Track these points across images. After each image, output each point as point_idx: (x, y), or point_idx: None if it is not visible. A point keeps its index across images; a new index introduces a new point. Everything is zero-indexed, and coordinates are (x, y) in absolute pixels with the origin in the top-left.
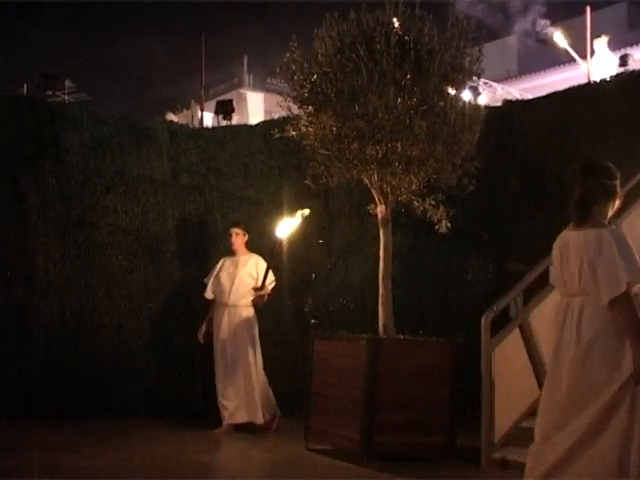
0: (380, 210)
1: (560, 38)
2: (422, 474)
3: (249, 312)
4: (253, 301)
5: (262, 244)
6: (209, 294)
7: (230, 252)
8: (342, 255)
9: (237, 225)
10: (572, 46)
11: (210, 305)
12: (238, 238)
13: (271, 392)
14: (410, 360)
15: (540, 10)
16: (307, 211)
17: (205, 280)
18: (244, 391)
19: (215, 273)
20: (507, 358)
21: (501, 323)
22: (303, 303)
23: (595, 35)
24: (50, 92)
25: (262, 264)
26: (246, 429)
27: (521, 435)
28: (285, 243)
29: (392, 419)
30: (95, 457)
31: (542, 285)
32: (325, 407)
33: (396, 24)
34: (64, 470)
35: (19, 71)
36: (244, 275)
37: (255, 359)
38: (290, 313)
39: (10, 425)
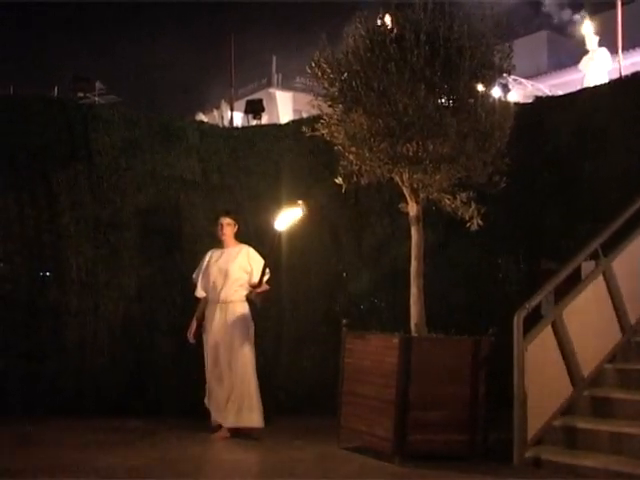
0: (411, 208)
1: (589, 27)
2: (455, 473)
3: (243, 308)
4: (250, 297)
5: (293, 244)
6: (200, 292)
7: (217, 243)
8: (373, 253)
9: (227, 214)
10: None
11: (200, 302)
12: (229, 228)
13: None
14: (442, 358)
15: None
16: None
17: (194, 276)
18: (240, 394)
19: (204, 268)
20: (540, 356)
21: (533, 321)
22: (334, 302)
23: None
24: (81, 94)
25: (254, 255)
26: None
27: (554, 433)
28: (283, 236)
29: (425, 417)
30: (128, 455)
31: (574, 282)
32: (357, 406)
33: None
34: (98, 468)
35: (42, 72)
36: (236, 269)
37: (251, 360)
38: (321, 312)
39: (44, 423)
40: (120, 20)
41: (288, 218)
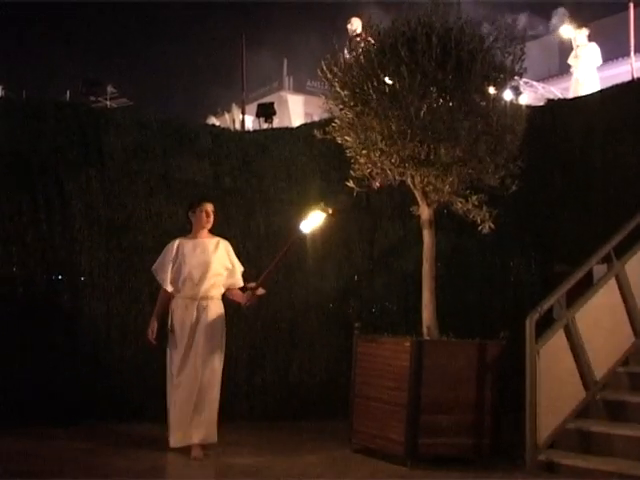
0: (423, 211)
1: (568, 30)
2: (467, 476)
3: (221, 308)
4: (246, 301)
5: (304, 247)
6: (169, 286)
7: (185, 232)
8: (385, 257)
9: (211, 201)
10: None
11: (164, 298)
12: (211, 217)
13: None
14: (454, 362)
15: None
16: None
17: (154, 268)
18: (209, 405)
19: (172, 259)
20: (552, 359)
21: (545, 324)
22: (346, 305)
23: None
24: (93, 98)
25: (232, 252)
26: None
27: (567, 437)
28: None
29: (436, 421)
30: (139, 459)
31: (586, 286)
32: (369, 409)
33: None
34: (108, 472)
35: (54, 76)
36: (217, 263)
37: (220, 367)
38: (333, 315)
39: (57, 428)
40: (130, 24)
41: (314, 222)
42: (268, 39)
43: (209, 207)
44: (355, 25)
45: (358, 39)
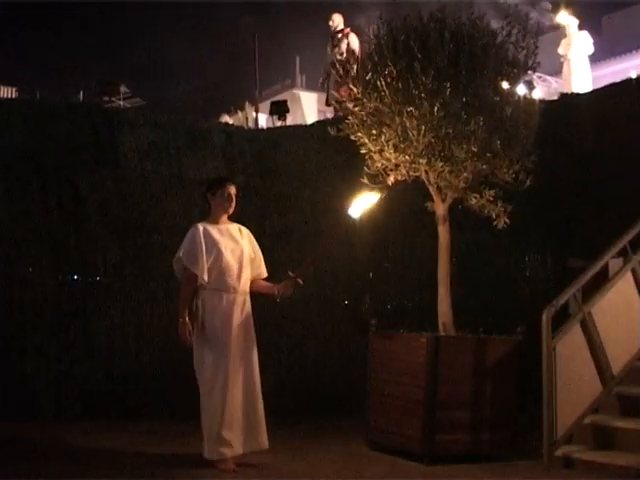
0: (437, 207)
1: (565, 17)
2: (484, 473)
3: (249, 301)
4: (283, 291)
5: (320, 245)
6: (205, 276)
7: (204, 216)
8: (400, 253)
9: (235, 183)
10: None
11: (189, 290)
12: (234, 201)
13: None
14: (470, 357)
15: None
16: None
17: (182, 256)
18: (249, 411)
19: (204, 247)
20: (568, 354)
21: (560, 319)
22: (361, 302)
23: None
24: (107, 98)
25: (253, 238)
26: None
27: (584, 432)
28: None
29: (453, 417)
30: (157, 458)
31: (602, 280)
32: (385, 406)
33: None
34: (127, 471)
35: (67, 76)
36: (248, 253)
37: (258, 367)
38: (348, 312)
39: (74, 426)
40: (141, 21)
41: (363, 204)
42: (281, 36)
43: (232, 189)
44: (337, 22)
45: (340, 35)
